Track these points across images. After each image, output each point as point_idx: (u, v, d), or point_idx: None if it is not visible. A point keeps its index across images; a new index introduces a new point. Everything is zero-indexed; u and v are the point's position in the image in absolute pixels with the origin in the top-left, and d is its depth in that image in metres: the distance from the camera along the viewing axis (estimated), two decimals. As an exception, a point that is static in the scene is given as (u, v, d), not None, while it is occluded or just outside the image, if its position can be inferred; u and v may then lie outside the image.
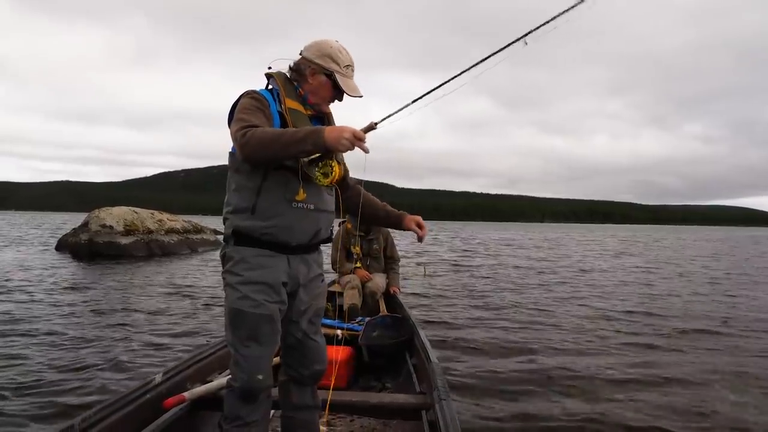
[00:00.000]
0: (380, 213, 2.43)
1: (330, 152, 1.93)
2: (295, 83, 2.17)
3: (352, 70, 2.18)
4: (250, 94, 2.06)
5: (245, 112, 1.97)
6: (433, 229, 65.62)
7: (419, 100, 2.06)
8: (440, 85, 2.08)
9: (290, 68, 2.19)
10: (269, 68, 2.18)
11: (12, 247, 18.88)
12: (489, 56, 2.14)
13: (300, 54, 2.18)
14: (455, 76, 2.10)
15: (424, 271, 7.98)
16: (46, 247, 18.65)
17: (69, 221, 39.93)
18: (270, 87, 2.16)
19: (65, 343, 5.39)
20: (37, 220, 69.86)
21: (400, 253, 5.76)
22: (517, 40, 2.05)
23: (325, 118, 2.27)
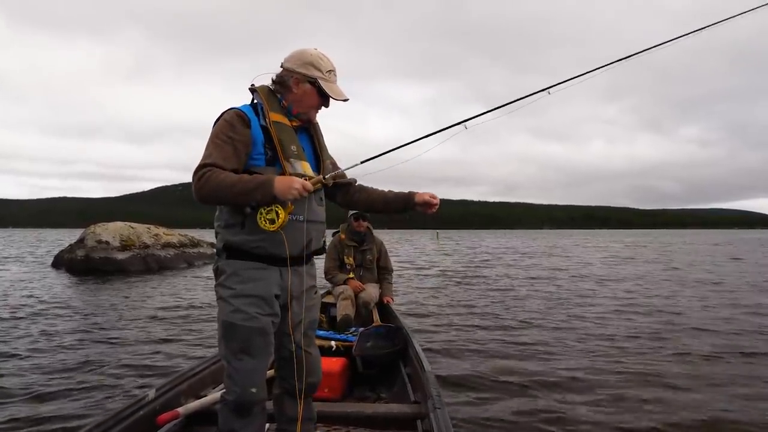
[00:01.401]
0: (389, 198, 2.41)
1: (278, 201, 1.97)
2: (279, 95, 2.18)
3: (335, 75, 2.20)
4: (227, 116, 2.07)
5: (214, 142, 2.01)
6: (447, 240, 65.45)
7: (371, 159, 2.27)
8: (389, 151, 2.32)
9: (273, 81, 2.20)
10: (252, 84, 2.19)
11: (8, 265, 18.81)
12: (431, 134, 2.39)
13: (281, 66, 2.19)
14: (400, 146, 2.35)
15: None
16: (42, 264, 18.59)
17: (67, 237, 39.86)
18: (254, 102, 2.17)
19: (56, 360, 5.36)
20: (35, 237, 69.73)
21: (395, 262, 5.76)
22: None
23: (312, 129, 2.30)
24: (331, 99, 2.19)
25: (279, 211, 1.96)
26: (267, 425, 2.98)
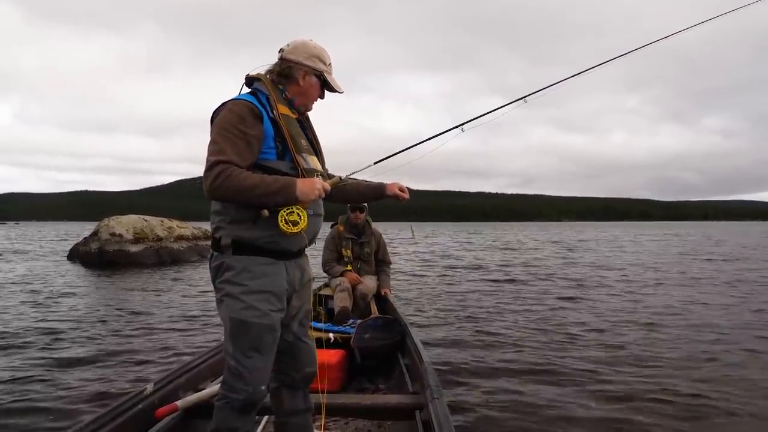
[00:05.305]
0: (362, 190, 2.46)
1: (298, 202, 1.94)
2: (281, 87, 2.14)
3: (332, 67, 2.22)
4: (236, 108, 1.95)
5: (225, 136, 1.90)
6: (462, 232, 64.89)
7: (382, 161, 2.40)
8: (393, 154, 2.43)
9: (277, 72, 2.14)
10: (248, 74, 2.15)
11: (26, 257, 19.20)
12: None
13: (282, 57, 2.15)
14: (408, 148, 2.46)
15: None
16: (59, 257, 18.91)
17: (85, 230, 40.49)
18: (254, 91, 2.11)
19: (55, 352, 5.42)
20: (55, 230, 70.93)
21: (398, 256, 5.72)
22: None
23: (305, 120, 2.28)
24: (327, 91, 2.21)
25: (301, 214, 1.92)
26: (265, 417, 2.99)
